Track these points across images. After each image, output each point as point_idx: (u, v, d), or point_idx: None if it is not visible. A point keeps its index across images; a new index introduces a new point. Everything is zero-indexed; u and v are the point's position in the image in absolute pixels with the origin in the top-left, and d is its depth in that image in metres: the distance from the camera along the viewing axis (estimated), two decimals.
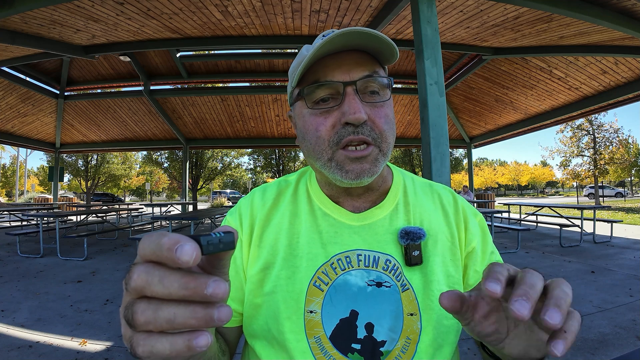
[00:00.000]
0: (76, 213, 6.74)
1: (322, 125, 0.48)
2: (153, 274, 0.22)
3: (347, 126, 0.46)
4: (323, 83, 0.47)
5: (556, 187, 62.80)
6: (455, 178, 32.43)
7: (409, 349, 0.47)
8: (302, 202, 0.58)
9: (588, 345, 2.26)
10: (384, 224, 0.54)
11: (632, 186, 42.13)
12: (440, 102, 3.37)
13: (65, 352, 2.19)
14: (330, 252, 0.52)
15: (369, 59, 0.49)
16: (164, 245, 0.21)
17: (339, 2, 4.88)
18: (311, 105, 0.49)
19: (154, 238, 0.22)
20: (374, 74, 0.48)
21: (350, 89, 0.47)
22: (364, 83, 0.48)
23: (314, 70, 0.48)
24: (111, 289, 3.57)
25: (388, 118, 0.49)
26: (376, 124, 0.48)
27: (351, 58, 0.48)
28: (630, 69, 6.35)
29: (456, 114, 11.02)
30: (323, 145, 0.48)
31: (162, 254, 0.21)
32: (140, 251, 0.23)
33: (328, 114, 0.48)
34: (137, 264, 0.23)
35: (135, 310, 0.22)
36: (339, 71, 0.47)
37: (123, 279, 0.25)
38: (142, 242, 0.23)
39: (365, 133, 0.47)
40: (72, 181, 28.64)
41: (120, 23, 5.39)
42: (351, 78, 0.47)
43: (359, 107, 0.45)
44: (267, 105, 10.17)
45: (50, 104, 9.63)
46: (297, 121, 0.54)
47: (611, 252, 5.35)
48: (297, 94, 0.51)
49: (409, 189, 0.60)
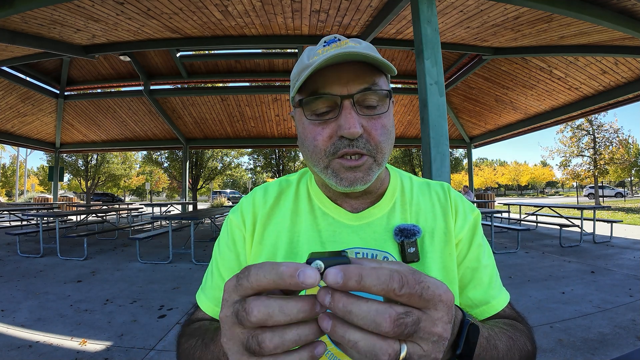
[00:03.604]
0: (76, 213, 6.74)
1: (320, 136, 0.49)
2: (272, 305, 0.25)
3: (343, 139, 0.47)
4: (321, 95, 0.48)
5: (556, 187, 62.80)
6: (455, 178, 32.44)
7: None
8: (303, 201, 0.59)
9: (588, 345, 2.26)
10: (381, 223, 0.55)
11: (632, 186, 42.14)
12: (440, 102, 3.37)
13: (65, 352, 2.19)
14: (329, 250, 0.52)
15: (368, 70, 0.49)
16: (286, 273, 0.24)
17: (339, 2, 4.88)
18: (309, 115, 0.49)
19: (267, 269, 0.25)
20: (373, 85, 0.48)
21: (347, 102, 0.47)
22: (362, 96, 0.48)
23: (314, 80, 0.48)
24: (111, 289, 3.57)
25: (385, 129, 0.49)
26: (372, 136, 0.48)
27: (350, 70, 0.48)
28: (630, 69, 6.35)
29: (456, 114, 11.02)
30: (320, 154, 0.49)
31: (284, 282, 0.24)
32: (251, 283, 0.26)
33: (326, 124, 0.49)
34: (248, 299, 0.26)
35: (263, 340, 0.25)
36: (338, 84, 0.47)
37: (227, 313, 0.27)
38: (252, 275, 0.26)
39: (360, 146, 0.47)
40: (72, 181, 28.64)
41: (120, 23, 5.39)
42: (349, 91, 0.47)
43: (354, 122, 0.46)
44: (267, 105, 10.16)
45: (50, 103, 9.62)
46: (297, 125, 0.55)
47: (611, 252, 5.35)
48: (297, 101, 0.52)
49: (406, 188, 0.61)
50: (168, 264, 4.75)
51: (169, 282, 3.87)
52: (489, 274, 0.57)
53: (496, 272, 0.58)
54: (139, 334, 2.49)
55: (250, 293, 0.26)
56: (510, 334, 0.47)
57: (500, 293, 0.56)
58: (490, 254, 0.59)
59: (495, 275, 0.58)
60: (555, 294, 3.33)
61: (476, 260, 0.56)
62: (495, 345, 0.42)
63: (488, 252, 0.59)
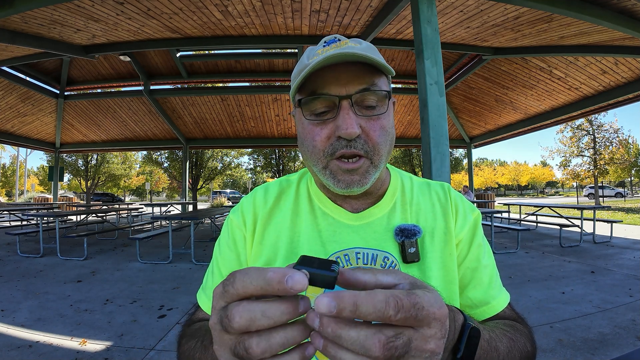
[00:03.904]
0: (76, 213, 6.75)
1: (318, 136, 0.49)
2: (253, 310, 0.24)
3: (341, 139, 0.47)
4: (319, 96, 0.48)
5: (556, 187, 62.77)
6: (455, 178, 32.44)
7: None
8: (303, 201, 0.59)
9: (588, 345, 2.26)
10: (382, 223, 0.55)
11: (632, 186, 42.12)
12: (440, 102, 3.37)
13: (65, 352, 2.19)
14: (330, 250, 0.53)
15: (367, 71, 0.48)
16: (274, 279, 0.24)
17: (339, 2, 4.88)
18: (308, 115, 0.49)
19: (253, 275, 0.25)
20: (372, 86, 0.48)
21: (345, 103, 0.47)
22: (361, 96, 0.47)
23: (313, 80, 0.48)
24: (111, 289, 3.57)
25: (384, 130, 0.49)
26: (370, 137, 0.48)
27: (349, 71, 0.47)
28: (630, 69, 6.35)
29: (456, 114, 11.02)
30: (318, 155, 0.49)
31: (272, 288, 0.24)
32: (237, 290, 0.25)
33: (324, 125, 0.48)
34: (229, 305, 0.25)
35: (249, 346, 0.24)
36: (336, 84, 0.47)
37: (214, 321, 0.27)
38: (238, 282, 0.25)
39: (358, 147, 0.47)
40: (72, 181, 28.63)
41: (120, 23, 5.39)
42: (347, 92, 0.47)
43: (352, 123, 0.46)
44: (267, 105, 10.16)
45: (50, 103, 9.62)
46: (297, 125, 0.55)
47: (611, 252, 5.35)
48: (297, 101, 0.52)
49: (406, 188, 0.61)
50: (168, 264, 4.75)
51: (169, 282, 3.87)
52: (489, 274, 0.57)
53: (496, 273, 0.58)
54: (139, 334, 2.49)
55: (236, 299, 0.26)
56: (511, 335, 0.47)
57: (501, 293, 0.56)
58: (491, 254, 0.59)
59: (496, 275, 0.58)
60: (555, 294, 3.33)
61: (476, 260, 0.56)
62: (496, 347, 0.42)
63: (488, 252, 0.59)
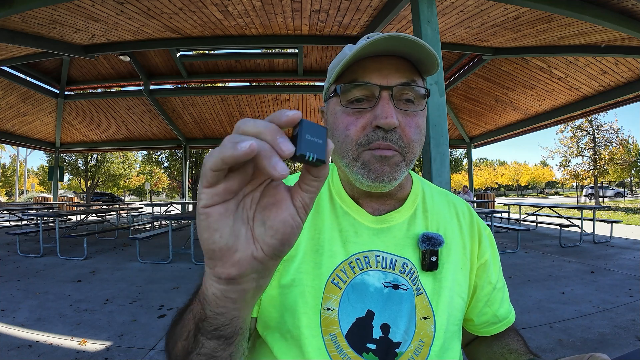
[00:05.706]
0: (76, 213, 6.76)
1: (353, 125, 0.48)
2: (246, 122, 0.25)
3: (377, 130, 0.46)
4: (360, 83, 0.47)
5: (556, 187, 62.78)
6: (455, 178, 32.44)
7: (422, 352, 0.48)
8: (325, 199, 0.58)
9: (588, 345, 2.26)
10: (402, 229, 0.55)
11: (632, 186, 42.10)
12: (440, 102, 3.36)
13: (65, 352, 2.19)
14: (350, 251, 0.52)
15: (408, 67, 0.48)
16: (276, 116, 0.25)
17: (339, 2, 4.88)
18: (345, 104, 0.49)
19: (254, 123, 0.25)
20: (412, 82, 0.48)
21: (385, 94, 0.46)
22: (400, 90, 0.47)
23: (353, 70, 0.48)
24: (111, 289, 3.57)
25: (419, 128, 0.49)
26: (405, 133, 0.47)
27: (391, 63, 0.48)
28: (630, 69, 6.35)
29: (456, 114, 11.02)
30: (350, 145, 0.48)
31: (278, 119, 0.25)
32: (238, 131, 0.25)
33: (360, 114, 0.48)
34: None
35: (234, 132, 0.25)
36: (378, 74, 0.47)
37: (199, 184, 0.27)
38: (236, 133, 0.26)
39: (394, 140, 0.46)
40: (72, 181, 28.64)
41: (120, 23, 5.39)
42: (388, 83, 0.47)
43: (391, 112, 0.45)
44: (267, 105, 10.16)
45: (50, 103, 9.62)
46: (328, 117, 0.54)
47: (611, 252, 5.35)
48: (333, 90, 0.51)
49: (427, 196, 0.60)
50: (168, 264, 4.75)
51: (168, 282, 3.87)
52: (505, 289, 0.61)
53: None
54: (138, 333, 2.49)
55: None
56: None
57: (511, 305, 0.61)
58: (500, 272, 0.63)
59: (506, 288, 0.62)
60: (555, 294, 3.33)
61: (502, 280, 0.60)
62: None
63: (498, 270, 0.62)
